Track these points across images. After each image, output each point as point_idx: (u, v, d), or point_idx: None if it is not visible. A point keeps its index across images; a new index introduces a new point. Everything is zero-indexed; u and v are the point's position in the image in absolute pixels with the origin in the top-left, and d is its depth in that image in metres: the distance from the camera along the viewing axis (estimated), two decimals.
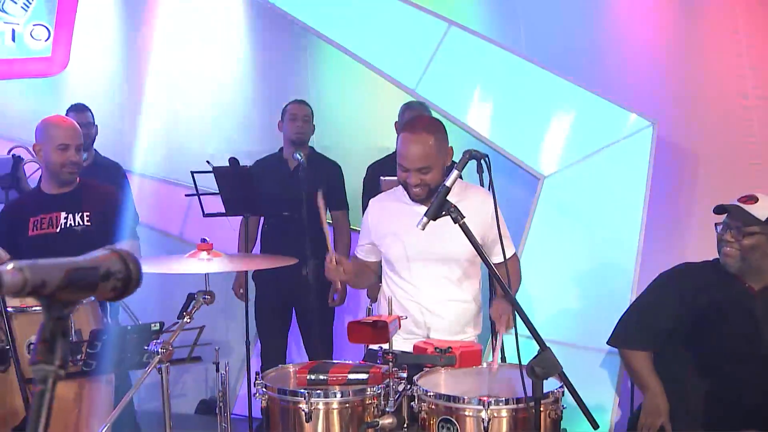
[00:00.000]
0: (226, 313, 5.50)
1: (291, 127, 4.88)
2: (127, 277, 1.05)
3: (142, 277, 1.07)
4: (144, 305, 5.20)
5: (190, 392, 5.82)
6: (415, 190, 3.11)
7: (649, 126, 4.55)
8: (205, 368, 5.66)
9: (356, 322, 2.62)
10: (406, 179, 3.11)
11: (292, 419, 2.71)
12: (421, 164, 3.05)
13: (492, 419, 2.55)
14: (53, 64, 5.68)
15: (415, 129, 3.13)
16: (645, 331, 3.46)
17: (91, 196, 3.71)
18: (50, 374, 1.00)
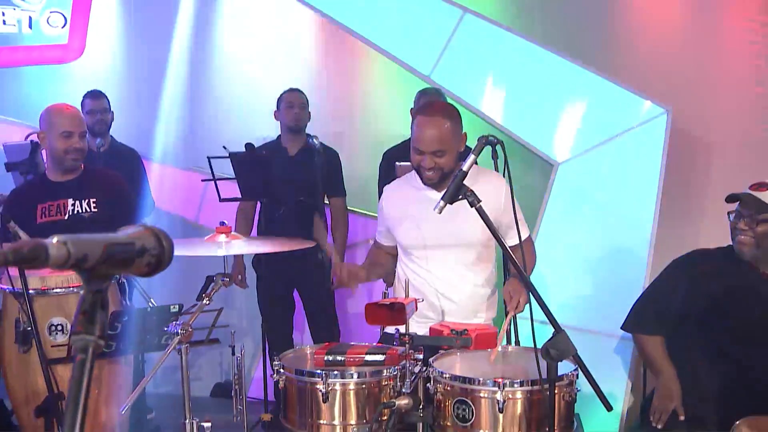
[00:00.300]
0: (241, 297, 5.54)
1: (288, 115, 4.93)
2: (161, 253, 1.08)
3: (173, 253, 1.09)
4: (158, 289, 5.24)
5: (206, 376, 5.86)
6: (428, 174, 3.12)
7: (664, 113, 4.55)
8: (219, 352, 5.71)
9: (374, 304, 2.65)
10: (420, 163, 3.12)
11: (309, 399, 2.74)
12: (435, 147, 3.07)
13: (507, 401, 2.57)
14: (70, 50, 5.71)
15: (430, 112, 3.15)
16: (658, 316, 3.48)
17: (96, 182, 3.74)
18: (90, 344, 1.03)
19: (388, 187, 3.47)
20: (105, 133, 5.11)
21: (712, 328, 3.34)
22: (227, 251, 2.75)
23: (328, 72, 5.60)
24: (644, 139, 4.58)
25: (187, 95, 5.79)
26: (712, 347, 3.34)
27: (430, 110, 3.18)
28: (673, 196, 4.65)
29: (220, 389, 5.70)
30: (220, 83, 5.82)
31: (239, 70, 5.79)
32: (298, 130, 4.93)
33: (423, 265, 3.26)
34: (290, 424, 2.83)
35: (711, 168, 4.83)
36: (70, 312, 3.06)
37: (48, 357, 2.94)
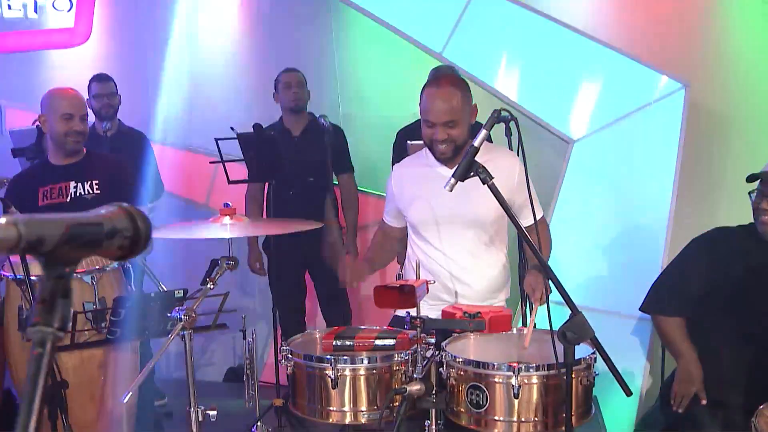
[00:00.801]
0: (255, 280, 5.47)
1: (287, 96, 4.83)
2: (135, 235, 0.97)
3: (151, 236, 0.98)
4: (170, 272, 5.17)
5: (218, 360, 5.82)
6: (440, 147, 3.03)
7: (682, 89, 4.43)
8: (232, 336, 5.64)
9: (383, 286, 2.54)
10: (432, 136, 3.03)
11: (318, 385, 2.66)
12: (447, 118, 2.98)
13: (522, 386, 2.47)
14: (76, 35, 5.63)
15: (440, 84, 3.07)
16: (678, 297, 3.36)
17: (98, 165, 3.69)
18: (49, 336, 0.92)
19: (398, 165, 3.37)
20: (112, 117, 5.05)
21: (735, 309, 3.21)
22: (232, 234, 2.64)
23: (337, 51, 5.48)
24: (661, 116, 4.46)
25: (195, 77, 5.70)
26: (736, 329, 3.22)
27: (440, 82, 3.11)
28: (691, 174, 4.54)
29: (233, 374, 5.64)
30: (228, 65, 5.72)
31: (246, 51, 5.69)
32: (298, 110, 4.83)
33: (435, 245, 3.15)
34: (299, 410, 2.75)
35: (730, 144, 4.70)
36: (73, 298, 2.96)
37: None
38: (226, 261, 2.71)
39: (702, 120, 4.60)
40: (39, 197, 3.61)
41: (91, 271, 3.00)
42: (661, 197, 4.38)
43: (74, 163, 3.66)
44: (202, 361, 5.88)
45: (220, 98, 5.68)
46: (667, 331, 3.37)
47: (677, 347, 3.34)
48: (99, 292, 2.99)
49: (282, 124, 4.89)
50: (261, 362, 5.16)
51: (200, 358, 5.90)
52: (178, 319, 2.56)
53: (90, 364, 3.02)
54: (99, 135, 4.80)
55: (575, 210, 4.51)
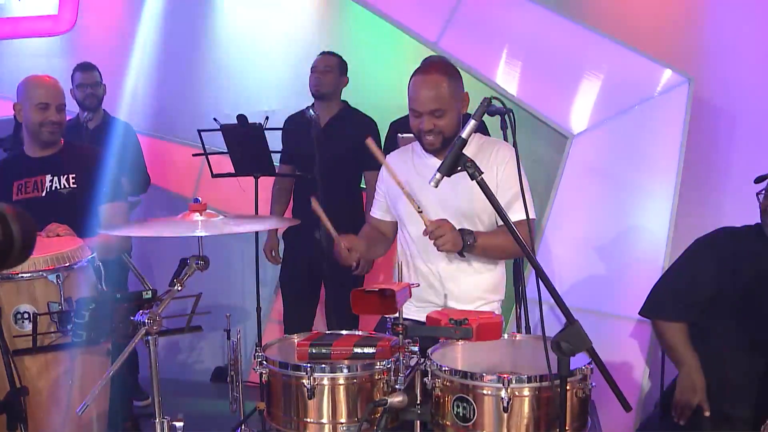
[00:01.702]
0: (241, 277, 5.28)
1: (311, 80, 4.58)
2: (6, 242, 0.76)
3: (31, 241, 0.77)
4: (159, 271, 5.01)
5: (206, 359, 5.67)
6: (428, 138, 2.87)
7: (685, 82, 4.29)
8: (221, 334, 5.44)
9: (361, 290, 2.33)
10: (419, 126, 2.87)
11: (294, 395, 2.48)
12: (434, 106, 2.81)
13: (513, 398, 2.27)
14: (60, 22, 5.49)
15: (427, 71, 2.90)
16: (680, 301, 3.19)
17: (75, 157, 3.51)
18: None
19: (388, 157, 3.18)
20: (96, 108, 4.89)
21: (741, 315, 3.04)
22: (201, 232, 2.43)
23: (330, 41, 5.28)
24: (664, 110, 4.32)
25: (183, 67, 5.56)
26: (742, 336, 3.05)
27: (427, 69, 2.93)
28: (694, 170, 4.39)
29: (221, 373, 5.46)
30: (216, 54, 5.56)
31: (236, 41, 5.53)
32: (320, 96, 4.55)
33: (423, 242, 2.94)
34: (275, 421, 2.57)
35: (735, 140, 4.54)
36: (37, 298, 2.78)
37: (12, 348, 2.65)
38: (196, 261, 2.49)
39: (706, 115, 4.45)
40: (14, 191, 3.44)
41: (57, 269, 2.79)
42: (662, 195, 4.24)
43: (50, 156, 3.49)
44: (190, 359, 5.72)
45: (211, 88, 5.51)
46: (669, 337, 3.20)
47: (679, 354, 3.17)
48: (65, 292, 2.78)
49: (312, 109, 4.62)
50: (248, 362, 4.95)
51: (188, 356, 5.74)
52: (142, 323, 2.34)
53: (55, 368, 2.82)
54: (81, 126, 4.62)
55: (574, 207, 4.36)
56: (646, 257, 4.19)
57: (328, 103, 4.57)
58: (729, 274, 3.05)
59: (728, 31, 4.54)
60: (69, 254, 2.88)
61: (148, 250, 5.36)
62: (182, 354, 5.68)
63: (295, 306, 4.70)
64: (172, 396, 3.30)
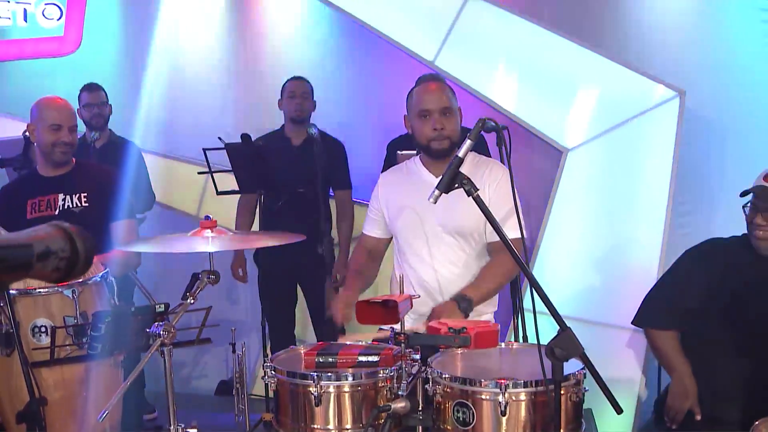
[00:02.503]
0: (244, 292, 5.41)
1: (290, 105, 4.78)
2: (73, 256, 0.91)
3: (92, 257, 0.92)
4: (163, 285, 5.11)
5: (211, 373, 5.75)
6: (437, 142, 3.02)
7: (676, 96, 4.37)
8: (225, 348, 5.55)
9: (365, 301, 2.47)
10: (430, 127, 3.01)
11: (301, 403, 2.58)
12: (443, 104, 3.01)
13: (510, 403, 2.39)
14: (66, 43, 5.59)
15: (428, 80, 3.14)
16: (671, 309, 3.29)
17: (87, 176, 3.63)
18: None
19: (385, 174, 3.33)
20: (103, 127, 5.02)
21: (730, 323, 3.14)
22: (212, 247, 2.58)
23: (332, 60, 5.43)
24: (657, 124, 4.41)
25: (188, 86, 5.66)
26: (730, 343, 3.15)
27: (427, 79, 3.19)
28: (686, 183, 4.50)
29: (226, 387, 5.57)
30: (222, 73, 5.68)
31: (241, 60, 5.65)
32: (301, 120, 4.78)
33: (423, 256, 3.11)
34: (283, 428, 2.68)
35: (726, 153, 4.65)
36: (54, 313, 2.90)
37: (30, 360, 2.78)
38: (207, 275, 2.64)
39: (697, 128, 4.55)
40: (27, 210, 3.56)
41: (72, 284, 2.92)
42: (656, 207, 4.32)
43: (63, 175, 3.61)
44: (194, 374, 5.82)
45: (212, 108, 5.63)
46: (660, 345, 3.30)
47: (671, 361, 3.27)
48: (80, 307, 2.91)
49: (284, 132, 4.83)
50: (252, 375, 5.08)
51: (193, 370, 5.83)
52: (157, 335, 2.49)
53: (71, 380, 2.93)
54: (87, 145, 4.75)
55: (569, 219, 4.44)
56: (640, 268, 4.27)
57: (302, 126, 4.78)
58: (716, 284, 3.15)
59: (718, 45, 4.65)
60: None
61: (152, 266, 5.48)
62: (186, 368, 5.79)
63: (283, 320, 4.89)
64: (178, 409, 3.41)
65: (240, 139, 4.16)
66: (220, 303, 5.33)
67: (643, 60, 4.55)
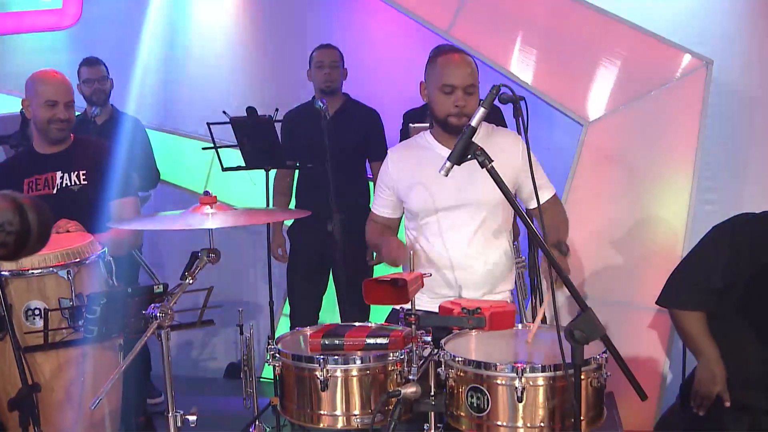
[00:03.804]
0: (253, 271, 5.34)
1: (318, 76, 4.66)
2: (23, 230, 0.80)
3: (47, 230, 0.81)
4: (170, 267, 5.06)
5: (220, 355, 5.74)
6: (455, 120, 2.93)
7: (703, 66, 4.26)
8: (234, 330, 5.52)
9: (373, 280, 2.38)
10: (453, 102, 2.92)
11: (307, 388, 2.53)
12: (470, 81, 2.92)
13: (527, 388, 2.31)
14: (65, 16, 5.54)
15: (455, 51, 3.01)
16: (698, 289, 3.19)
17: (86, 153, 3.54)
18: None
19: (393, 149, 3.23)
20: (104, 102, 4.96)
21: (761, 303, 3.03)
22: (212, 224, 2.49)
23: (340, 31, 5.31)
24: (682, 95, 4.31)
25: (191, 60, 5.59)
26: (762, 324, 3.04)
27: (453, 49, 3.04)
28: (713, 157, 4.40)
29: (235, 369, 5.53)
30: (224, 46, 5.60)
31: (244, 31, 5.57)
32: (331, 91, 4.66)
33: (435, 232, 3.00)
34: (288, 414, 2.62)
35: (754, 125, 4.55)
36: (48, 294, 2.84)
37: (23, 344, 2.72)
38: (207, 254, 2.55)
39: (725, 99, 4.44)
40: (24, 189, 3.48)
41: (67, 264, 2.85)
42: (681, 182, 4.23)
43: (61, 152, 3.53)
44: (203, 356, 5.79)
45: (218, 82, 5.56)
46: (686, 327, 3.21)
47: (697, 344, 3.18)
48: (76, 288, 2.84)
49: (313, 105, 4.69)
50: (262, 358, 5.02)
51: (201, 352, 5.80)
52: (154, 317, 2.40)
53: (67, 364, 2.88)
54: (89, 121, 4.67)
55: (589, 196, 4.35)
56: (664, 246, 4.18)
57: (333, 97, 4.66)
58: (746, 262, 3.05)
59: (746, 13, 4.54)
60: (79, 250, 2.93)
61: (159, 245, 5.43)
62: (195, 351, 5.76)
63: (304, 298, 4.76)
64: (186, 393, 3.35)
65: (245, 112, 4.06)
66: (227, 284, 5.26)
67: (669, 28, 4.42)
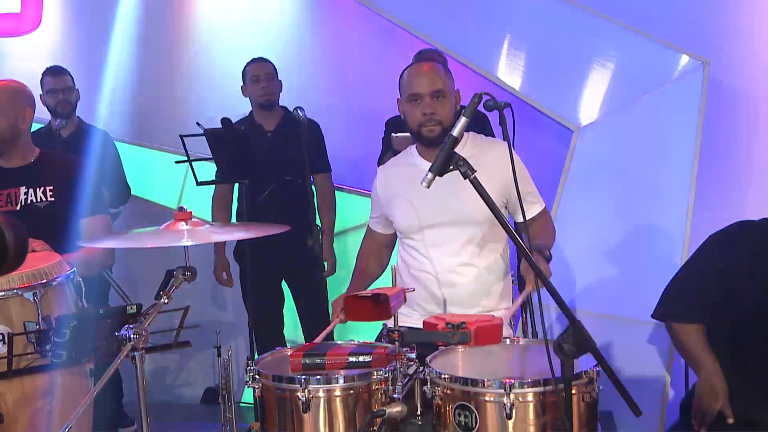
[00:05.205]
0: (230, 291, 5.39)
1: (255, 91, 4.77)
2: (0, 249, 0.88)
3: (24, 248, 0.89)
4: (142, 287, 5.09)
5: (196, 380, 5.76)
6: (428, 127, 3.03)
7: (700, 66, 4.34)
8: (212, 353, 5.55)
9: (353, 296, 2.46)
10: (420, 111, 3.03)
11: (288, 409, 2.57)
12: (434, 87, 3.02)
13: (516, 405, 2.38)
14: (23, 21, 5.53)
15: (422, 60, 3.19)
16: (695, 301, 3.23)
17: (52, 167, 3.53)
18: None
19: (381, 167, 3.40)
20: (70, 114, 4.98)
21: (762, 314, 3.09)
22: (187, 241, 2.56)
23: (317, 35, 5.40)
24: (678, 97, 4.42)
25: (163, 68, 5.64)
26: (763, 336, 3.09)
27: (421, 59, 3.24)
28: (712, 161, 4.47)
29: (212, 394, 5.56)
30: (196, 53, 5.66)
31: (216, 37, 5.62)
32: (270, 105, 4.78)
33: (421, 249, 3.12)
34: None
35: (756, 126, 4.63)
36: (12, 318, 2.84)
37: None
38: (183, 272, 2.61)
39: (724, 101, 4.54)
40: None
41: (33, 286, 2.86)
42: (678, 188, 4.32)
43: (25, 166, 3.52)
44: (179, 381, 5.82)
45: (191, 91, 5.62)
46: (684, 340, 3.24)
47: (696, 358, 3.21)
48: (43, 311, 2.85)
49: (253, 119, 4.82)
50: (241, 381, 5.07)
51: (177, 377, 5.83)
52: (127, 338, 2.47)
53: (33, 392, 2.87)
54: (54, 134, 4.71)
55: (581, 205, 4.44)
56: (661, 256, 4.26)
57: (272, 110, 4.77)
58: (746, 271, 3.10)
59: (744, 10, 4.64)
60: (46, 270, 2.92)
61: (129, 264, 5.47)
62: (170, 375, 5.79)
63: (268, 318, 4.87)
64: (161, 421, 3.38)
65: (220, 123, 4.13)
66: (205, 303, 5.32)
67: (664, 28, 4.51)
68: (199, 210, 4.35)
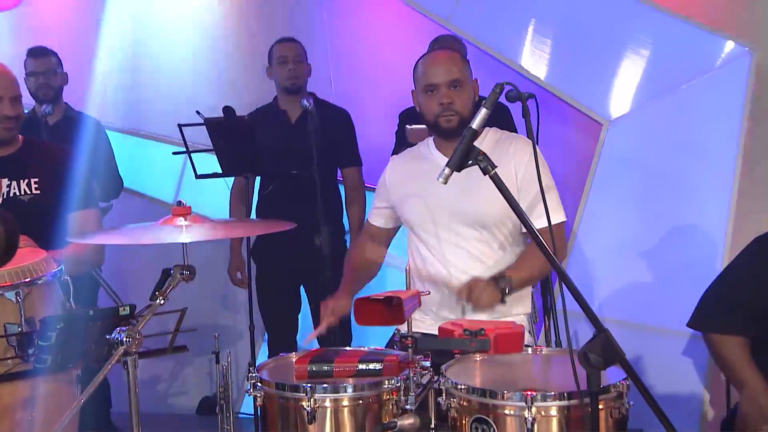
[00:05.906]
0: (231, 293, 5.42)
1: (282, 73, 4.77)
2: None
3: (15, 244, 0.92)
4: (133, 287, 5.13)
5: (192, 389, 5.78)
6: (445, 116, 3.07)
7: (748, 53, 4.34)
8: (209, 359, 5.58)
9: (365, 299, 2.49)
10: (436, 101, 3.07)
11: (292, 420, 2.60)
12: (451, 76, 3.07)
13: (538, 419, 2.40)
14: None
15: (438, 47, 3.26)
16: (738, 311, 3.22)
17: (37, 157, 3.56)
18: None
19: (395, 157, 3.43)
20: (53, 99, 4.94)
21: None
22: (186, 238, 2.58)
23: (331, 20, 5.43)
24: (721, 87, 4.41)
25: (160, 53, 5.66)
26: None
27: (437, 46, 3.29)
28: (757, 158, 4.43)
29: (209, 404, 5.60)
30: (198, 38, 5.65)
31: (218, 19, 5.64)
32: (296, 89, 4.77)
33: (436, 248, 3.14)
34: None
35: None
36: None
37: None
38: (180, 271, 2.63)
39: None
40: None
41: (16, 285, 2.86)
42: (718, 188, 4.33)
43: (7, 156, 3.54)
44: (172, 390, 5.84)
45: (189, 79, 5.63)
46: (725, 354, 3.23)
47: (739, 374, 3.20)
48: (26, 312, 2.85)
49: (277, 106, 4.83)
50: (240, 390, 5.12)
51: (171, 385, 5.86)
52: (119, 342, 2.49)
53: (13, 401, 2.86)
54: (39, 121, 4.71)
55: (611, 204, 4.45)
56: (699, 262, 4.27)
57: (298, 96, 4.72)
58: None
59: None
60: (30, 268, 2.91)
61: (121, 263, 5.49)
62: (163, 384, 5.81)
63: (282, 323, 4.90)
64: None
65: (222, 113, 4.16)
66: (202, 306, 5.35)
67: (705, 10, 4.51)
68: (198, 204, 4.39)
